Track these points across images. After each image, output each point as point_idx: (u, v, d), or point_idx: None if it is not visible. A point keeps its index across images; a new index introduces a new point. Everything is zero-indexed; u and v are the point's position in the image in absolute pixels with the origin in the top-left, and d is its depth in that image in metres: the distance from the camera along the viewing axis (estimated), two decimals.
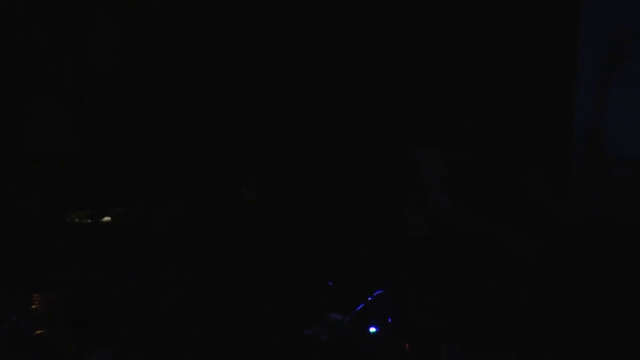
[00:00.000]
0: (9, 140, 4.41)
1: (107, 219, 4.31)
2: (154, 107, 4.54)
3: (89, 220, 4.24)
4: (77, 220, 4.25)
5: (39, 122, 4.49)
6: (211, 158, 4.50)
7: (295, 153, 4.38)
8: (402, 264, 3.91)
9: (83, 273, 3.81)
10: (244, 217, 4.32)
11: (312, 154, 4.35)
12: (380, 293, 3.50)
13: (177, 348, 3.31)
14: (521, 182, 4.09)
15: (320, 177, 4.31)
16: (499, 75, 4.07)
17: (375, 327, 3.41)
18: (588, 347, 3.27)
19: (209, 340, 3.41)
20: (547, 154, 4.01)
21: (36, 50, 4.46)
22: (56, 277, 3.82)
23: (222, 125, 4.50)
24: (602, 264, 3.71)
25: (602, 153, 3.90)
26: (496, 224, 4.00)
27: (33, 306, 3.60)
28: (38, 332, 3.41)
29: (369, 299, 3.49)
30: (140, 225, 4.29)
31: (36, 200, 4.26)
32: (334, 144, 4.30)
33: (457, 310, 3.55)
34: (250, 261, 4.02)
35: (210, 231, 4.29)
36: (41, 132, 4.48)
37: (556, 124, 3.99)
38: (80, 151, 4.50)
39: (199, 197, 4.46)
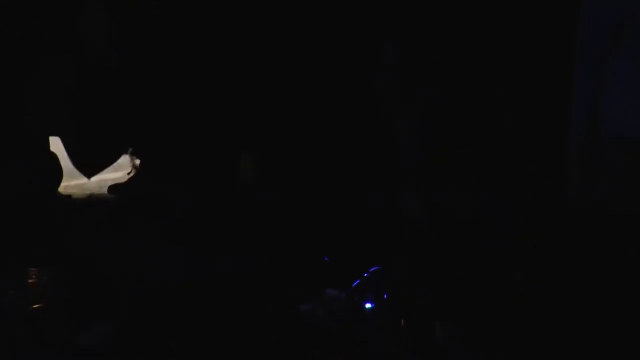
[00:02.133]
0: (7, 120, 4.43)
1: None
2: (154, 97, 4.56)
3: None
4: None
5: (38, 106, 4.51)
6: (208, 138, 4.52)
7: (293, 133, 4.39)
8: (398, 244, 3.92)
9: (81, 247, 3.83)
10: (242, 196, 4.35)
11: (310, 134, 4.36)
12: (376, 269, 3.51)
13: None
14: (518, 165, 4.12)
15: (317, 155, 4.32)
16: (498, 59, 4.08)
17: (371, 303, 3.42)
18: (583, 334, 3.28)
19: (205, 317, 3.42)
20: (545, 140, 4.02)
21: (36, 49, 4.47)
22: (54, 251, 3.83)
23: (220, 106, 4.52)
24: (600, 252, 3.71)
25: (601, 138, 3.89)
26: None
27: (30, 281, 3.62)
28: (35, 306, 3.42)
29: (365, 275, 3.50)
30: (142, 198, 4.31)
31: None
32: (331, 122, 4.31)
33: (453, 289, 3.56)
34: (247, 240, 4.03)
35: (209, 213, 4.31)
36: (39, 113, 4.49)
37: (554, 109, 3.99)
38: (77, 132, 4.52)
39: (198, 178, 4.48)
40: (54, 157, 4.46)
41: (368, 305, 3.42)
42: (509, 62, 4.10)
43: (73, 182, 4.58)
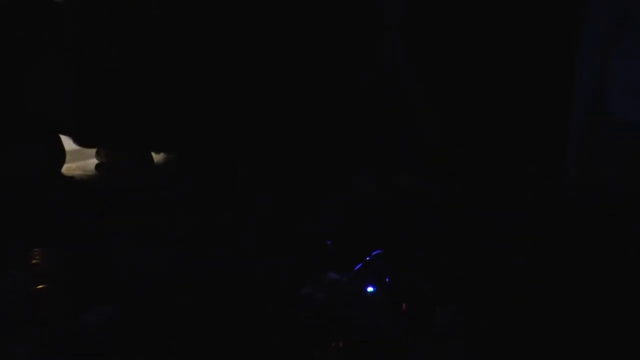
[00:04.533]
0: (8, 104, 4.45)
1: None
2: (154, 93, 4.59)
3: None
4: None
5: (37, 92, 4.53)
6: (208, 134, 4.55)
7: (293, 121, 4.42)
8: (400, 228, 3.94)
9: (84, 229, 3.83)
10: (241, 179, 4.36)
11: (311, 119, 4.39)
12: (378, 253, 3.52)
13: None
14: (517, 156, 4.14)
15: (319, 139, 4.34)
16: (498, 39, 4.11)
17: (372, 287, 3.42)
18: (584, 322, 3.28)
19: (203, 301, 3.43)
20: (546, 122, 4.04)
21: (35, 49, 4.50)
22: (57, 232, 3.83)
23: (218, 102, 4.55)
24: (602, 237, 3.72)
25: (604, 120, 3.90)
26: None
27: (33, 262, 3.62)
28: (37, 287, 3.42)
29: (367, 258, 3.50)
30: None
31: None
32: (333, 107, 4.34)
33: (455, 273, 3.57)
34: (247, 222, 4.04)
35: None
36: (38, 99, 4.51)
37: (556, 90, 4.01)
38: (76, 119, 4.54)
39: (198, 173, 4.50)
40: (56, 138, 4.48)
41: (370, 289, 3.42)
42: (509, 60, 4.14)
43: (75, 163, 4.60)
